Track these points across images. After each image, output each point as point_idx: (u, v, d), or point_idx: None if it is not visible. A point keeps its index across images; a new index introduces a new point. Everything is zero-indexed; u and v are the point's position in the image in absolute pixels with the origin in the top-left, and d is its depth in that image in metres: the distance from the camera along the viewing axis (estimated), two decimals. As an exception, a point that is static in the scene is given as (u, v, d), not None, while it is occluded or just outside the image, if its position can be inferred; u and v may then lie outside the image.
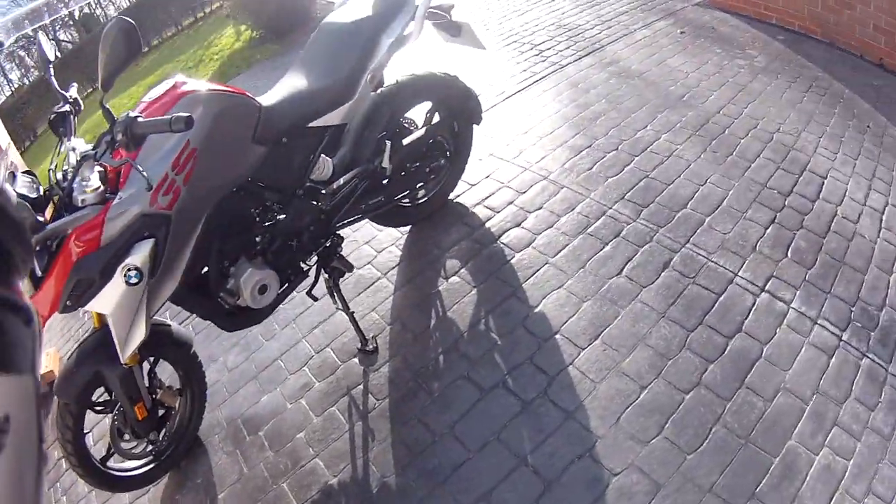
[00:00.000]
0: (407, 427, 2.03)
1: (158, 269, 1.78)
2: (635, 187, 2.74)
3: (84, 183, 1.65)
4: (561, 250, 2.49)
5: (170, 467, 2.28)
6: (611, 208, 2.64)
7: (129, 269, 1.67)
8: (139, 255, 1.70)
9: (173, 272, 1.86)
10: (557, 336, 2.16)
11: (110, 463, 2.16)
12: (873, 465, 1.74)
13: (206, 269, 2.02)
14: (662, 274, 2.32)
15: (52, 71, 1.93)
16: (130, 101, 9.91)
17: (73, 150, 1.73)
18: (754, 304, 2.19)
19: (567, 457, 1.81)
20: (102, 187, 1.67)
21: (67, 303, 1.65)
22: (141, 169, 1.59)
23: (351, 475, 1.98)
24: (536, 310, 2.27)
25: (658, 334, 2.11)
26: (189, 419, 2.28)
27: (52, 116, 1.84)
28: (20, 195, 1.61)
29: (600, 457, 1.79)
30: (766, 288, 2.24)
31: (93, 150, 1.65)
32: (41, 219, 1.58)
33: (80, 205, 1.64)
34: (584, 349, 2.09)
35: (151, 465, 2.21)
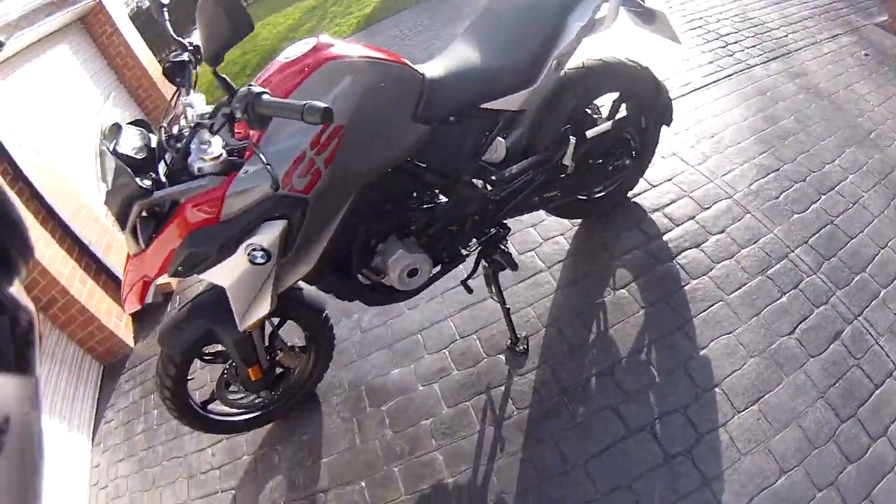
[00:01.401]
0: (540, 447, 1.94)
1: (291, 251, 1.64)
2: (819, 233, 2.56)
3: (203, 148, 1.48)
4: (738, 289, 2.35)
5: (276, 418, 2.18)
6: (793, 251, 2.49)
7: (254, 249, 1.54)
8: (267, 237, 1.55)
9: (308, 255, 1.71)
10: (717, 389, 2.03)
11: (211, 406, 2.10)
12: None
13: (348, 247, 1.85)
14: (832, 346, 2.16)
15: (166, 15, 1.71)
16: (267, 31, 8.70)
17: (191, 105, 1.56)
18: (907, 408, 2.08)
19: (689, 526, 1.73)
20: (224, 156, 1.49)
21: (179, 268, 1.54)
22: (265, 159, 1.38)
23: (469, 480, 1.91)
24: (702, 352, 2.13)
25: (813, 416, 1.97)
26: (308, 377, 2.17)
27: (167, 65, 1.65)
28: (123, 156, 1.46)
29: (723, 535, 1.71)
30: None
31: (209, 120, 1.44)
32: (146, 184, 1.44)
33: (196, 172, 1.48)
34: (740, 412, 1.98)
35: (257, 414, 2.15)
